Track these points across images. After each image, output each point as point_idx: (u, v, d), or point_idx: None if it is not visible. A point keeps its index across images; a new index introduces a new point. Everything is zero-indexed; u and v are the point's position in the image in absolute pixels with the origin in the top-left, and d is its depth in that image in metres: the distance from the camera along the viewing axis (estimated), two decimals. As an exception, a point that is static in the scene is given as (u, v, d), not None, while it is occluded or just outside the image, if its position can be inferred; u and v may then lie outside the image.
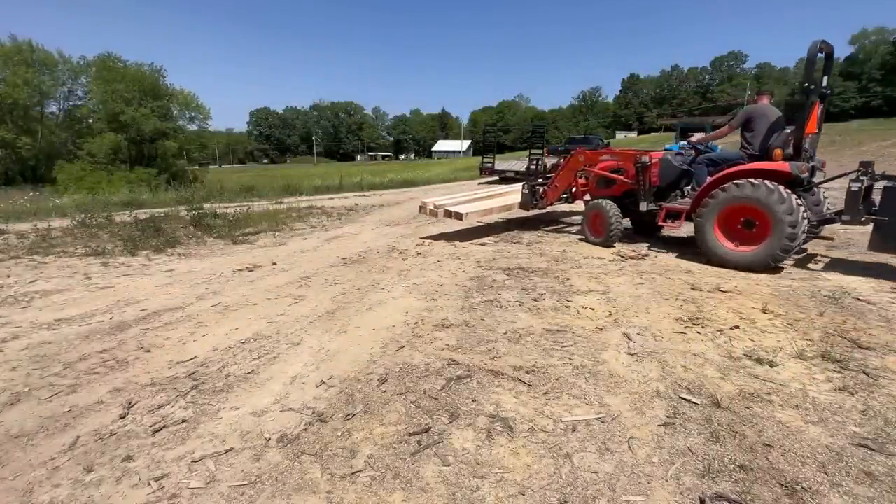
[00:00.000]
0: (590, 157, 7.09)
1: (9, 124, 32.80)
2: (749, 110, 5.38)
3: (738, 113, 5.57)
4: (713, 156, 5.85)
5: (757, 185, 4.79)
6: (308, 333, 3.54)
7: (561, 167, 7.48)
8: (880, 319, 3.53)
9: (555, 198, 7.60)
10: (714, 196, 5.12)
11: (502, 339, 3.32)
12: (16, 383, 2.82)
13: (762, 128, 5.21)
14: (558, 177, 7.42)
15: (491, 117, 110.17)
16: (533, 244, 6.70)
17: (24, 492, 1.90)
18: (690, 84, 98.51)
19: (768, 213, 4.72)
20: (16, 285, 4.94)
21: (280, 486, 1.90)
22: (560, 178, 7.40)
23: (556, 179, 7.44)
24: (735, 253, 5.03)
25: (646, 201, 6.09)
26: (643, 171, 6.05)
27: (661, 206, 5.97)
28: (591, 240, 6.54)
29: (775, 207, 4.65)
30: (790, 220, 4.59)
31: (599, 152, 7.23)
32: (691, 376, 2.72)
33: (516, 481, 1.90)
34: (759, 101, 5.44)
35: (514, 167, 15.74)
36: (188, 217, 8.65)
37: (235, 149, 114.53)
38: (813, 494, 1.78)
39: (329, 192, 15.56)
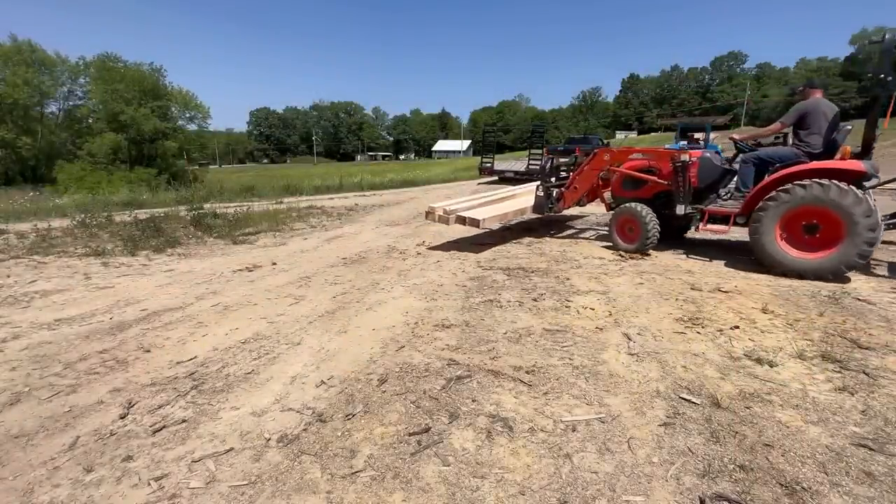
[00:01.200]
0: (617, 155, 6.51)
1: (9, 124, 32.83)
2: (803, 106, 4.98)
3: (790, 109, 5.15)
4: (762, 154, 5.39)
5: (826, 185, 4.40)
6: (308, 333, 3.53)
7: (581, 167, 6.86)
8: (880, 319, 3.53)
9: (573, 201, 7.02)
10: (776, 198, 4.66)
11: (502, 339, 3.32)
12: (16, 383, 2.82)
13: (820, 124, 4.84)
14: (578, 177, 6.82)
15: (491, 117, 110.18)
16: (533, 244, 6.69)
17: (24, 492, 1.90)
18: (690, 84, 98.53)
19: (842, 215, 4.34)
20: (16, 285, 4.94)
21: (280, 486, 1.90)
22: (580, 178, 6.80)
23: (576, 180, 6.84)
24: (803, 260, 4.59)
25: (684, 204, 5.62)
26: (683, 171, 5.55)
27: (702, 209, 5.52)
28: (623, 247, 5.95)
29: (852, 210, 4.28)
30: (869, 223, 4.23)
31: (628, 150, 6.63)
32: (691, 376, 2.72)
33: (516, 481, 1.90)
34: (812, 96, 5.04)
35: (513, 167, 15.74)
36: (188, 217, 8.65)
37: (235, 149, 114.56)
38: (813, 494, 1.78)
39: (329, 192, 15.56)
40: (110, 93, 32.14)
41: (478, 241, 7.05)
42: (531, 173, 14.43)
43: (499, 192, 8.15)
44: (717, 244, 6.64)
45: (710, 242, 6.76)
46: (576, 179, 6.86)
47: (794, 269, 4.62)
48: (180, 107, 37.35)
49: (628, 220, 5.96)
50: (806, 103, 5.03)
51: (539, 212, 6.98)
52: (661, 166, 5.93)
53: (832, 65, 77.82)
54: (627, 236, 5.98)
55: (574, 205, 7.24)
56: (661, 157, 6.02)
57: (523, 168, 14.97)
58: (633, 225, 5.90)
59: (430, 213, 6.54)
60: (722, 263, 5.35)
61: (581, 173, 6.81)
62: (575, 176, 6.92)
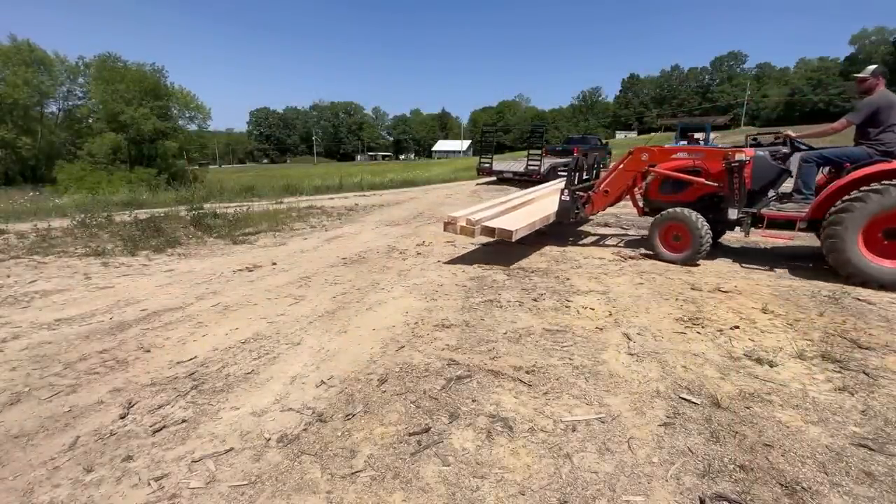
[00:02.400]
0: (657, 154, 5.90)
1: (9, 124, 32.83)
2: (874, 102, 4.60)
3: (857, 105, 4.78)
4: (828, 154, 5.00)
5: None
6: (308, 333, 3.54)
7: (614, 167, 6.29)
8: (880, 319, 3.53)
9: (604, 206, 6.40)
10: (861, 200, 4.28)
11: (502, 339, 3.32)
12: (16, 383, 2.82)
13: (893, 120, 4.49)
14: (611, 180, 6.20)
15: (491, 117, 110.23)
16: (534, 244, 6.69)
17: (24, 492, 1.90)
18: (690, 84, 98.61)
19: None
20: (16, 285, 4.94)
21: (280, 486, 1.90)
22: (613, 180, 6.18)
23: (608, 183, 6.21)
24: (888, 269, 4.23)
25: (738, 208, 5.14)
26: (739, 172, 5.07)
27: (759, 213, 5.06)
28: (667, 256, 5.38)
29: None
30: None
31: (670, 149, 6.04)
32: (691, 376, 2.72)
33: (516, 481, 1.90)
34: (878, 88, 4.66)
35: (512, 168, 15.63)
36: (188, 217, 8.64)
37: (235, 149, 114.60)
38: (813, 494, 1.78)
39: (329, 192, 15.55)
40: (110, 93, 32.15)
41: (478, 240, 7.05)
42: (530, 174, 14.38)
43: (516, 195, 7.32)
44: (717, 245, 6.63)
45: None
46: (607, 181, 6.22)
47: (878, 278, 4.27)
48: (181, 107, 37.38)
49: (675, 226, 5.35)
50: (877, 98, 4.62)
51: (564, 218, 6.22)
52: (710, 166, 5.41)
53: (832, 65, 77.84)
54: (673, 245, 5.40)
55: (601, 210, 6.59)
56: (710, 156, 5.49)
57: (522, 168, 14.89)
58: (681, 232, 5.31)
59: (451, 223, 5.55)
60: (722, 263, 5.35)
61: (613, 175, 6.20)
62: (606, 178, 6.29)
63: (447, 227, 5.63)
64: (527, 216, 6.02)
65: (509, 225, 5.36)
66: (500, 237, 5.26)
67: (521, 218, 5.91)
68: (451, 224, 5.60)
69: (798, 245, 5.95)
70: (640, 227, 7.65)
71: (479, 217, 5.59)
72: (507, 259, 5.78)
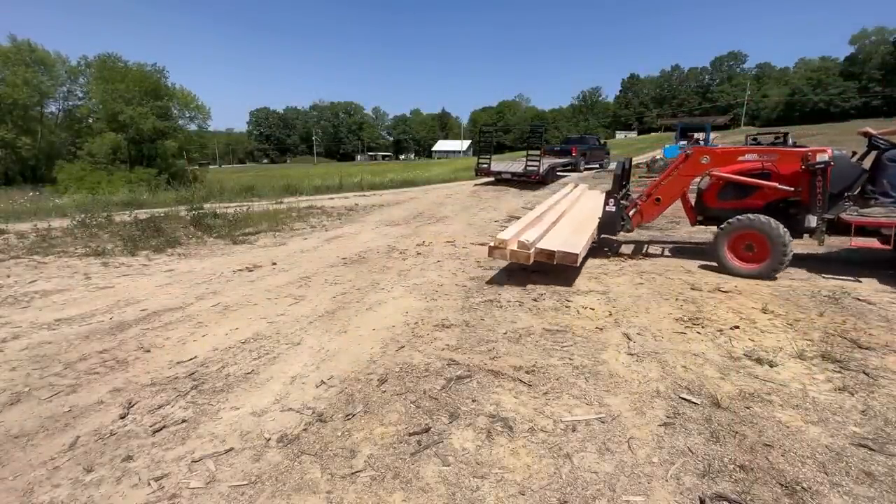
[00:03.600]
0: (720, 156, 5.25)
1: (9, 124, 32.82)
2: None
3: None
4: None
5: None
6: (308, 333, 3.54)
7: (667, 172, 5.60)
8: (880, 319, 3.53)
9: (655, 216, 5.73)
10: None
11: (502, 339, 3.32)
12: (16, 383, 2.82)
13: None
14: (664, 185, 5.52)
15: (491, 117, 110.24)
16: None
17: (24, 492, 1.90)
18: (690, 84, 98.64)
19: None
20: (16, 285, 4.94)
21: (280, 486, 1.90)
22: (667, 187, 5.50)
23: (660, 189, 5.53)
24: None
25: (818, 214, 4.65)
26: (822, 175, 4.58)
27: (838, 220, 4.68)
28: (738, 270, 4.77)
29: None
30: None
31: (735, 150, 5.36)
32: (691, 376, 2.72)
33: (516, 481, 1.90)
34: None
35: (510, 168, 15.46)
36: (188, 217, 8.65)
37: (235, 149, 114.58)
38: (813, 494, 1.78)
39: (329, 192, 15.54)
40: (110, 92, 32.15)
41: (478, 241, 7.05)
42: (528, 174, 14.30)
43: (543, 206, 6.37)
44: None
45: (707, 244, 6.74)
46: (660, 188, 5.54)
47: None
48: (181, 107, 37.37)
49: (749, 236, 4.74)
50: None
51: (610, 231, 5.56)
52: (783, 168, 4.89)
53: (832, 65, 77.87)
54: (746, 256, 4.81)
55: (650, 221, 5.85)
56: (785, 157, 4.95)
57: (521, 169, 14.77)
58: (756, 242, 4.72)
59: (499, 248, 4.61)
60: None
61: (667, 180, 5.51)
62: (658, 183, 5.63)
63: (494, 252, 4.63)
64: (576, 232, 5.28)
65: (570, 246, 4.56)
66: (560, 261, 4.45)
67: (577, 237, 5.08)
68: (499, 248, 4.60)
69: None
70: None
71: (529, 238, 4.63)
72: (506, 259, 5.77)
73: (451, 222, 9.05)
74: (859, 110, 68.68)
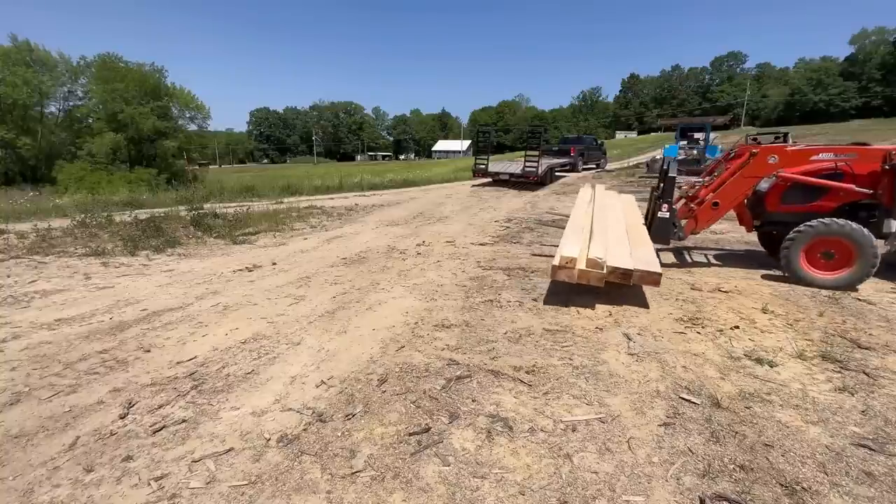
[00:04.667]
0: (789, 156, 4.81)
1: (9, 124, 32.80)
2: None
3: None
4: None
5: None
6: (308, 333, 3.54)
7: (728, 173, 5.15)
8: (880, 319, 3.53)
9: (712, 222, 5.26)
10: None
11: (502, 339, 3.32)
12: (16, 383, 2.82)
13: None
14: (723, 189, 5.05)
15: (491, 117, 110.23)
16: (533, 244, 6.69)
17: (24, 492, 1.90)
18: (690, 84, 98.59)
19: None
20: (16, 285, 4.94)
21: (280, 486, 1.90)
22: (727, 191, 5.04)
23: (719, 193, 5.06)
24: None
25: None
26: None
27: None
28: (812, 279, 4.42)
29: None
30: None
31: (808, 150, 4.90)
32: (691, 376, 2.72)
33: (516, 481, 1.90)
34: None
35: (508, 169, 15.25)
36: (188, 217, 8.64)
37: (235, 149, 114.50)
38: (813, 494, 1.78)
39: (329, 192, 15.54)
40: (110, 92, 32.15)
41: (478, 241, 7.05)
42: (527, 175, 14.22)
43: (586, 211, 5.72)
44: (714, 247, 6.64)
45: (708, 245, 6.75)
46: (718, 191, 5.09)
47: None
48: (181, 106, 37.37)
49: (828, 242, 4.36)
50: None
51: (662, 239, 5.10)
52: (860, 169, 4.55)
53: (832, 65, 77.87)
54: (824, 265, 4.43)
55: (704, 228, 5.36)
56: (864, 157, 4.56)
57: (519, 170, 14.64)
58: (838, 249, 4.36)
59: (565, 268, 3.92)
60: (722, 264, 5.35)
61: (727, 183, 5.06)
62: (716, 186, 5.18)
63: (558, 272, 3.95)
64: (636, 244, 4.63)
65: (646, 263, 4.00)
66: (640, 282, 3.89)
67: (638, 249, 4.47)
68: (565, 268, 3.92)
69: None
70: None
71: (598, 254, 3.97)
72: (507, 259, 5.78)
73: (451, 222, 9.05)
74: (859, 110, 68.68)
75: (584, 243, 4.43)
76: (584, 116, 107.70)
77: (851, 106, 70.84)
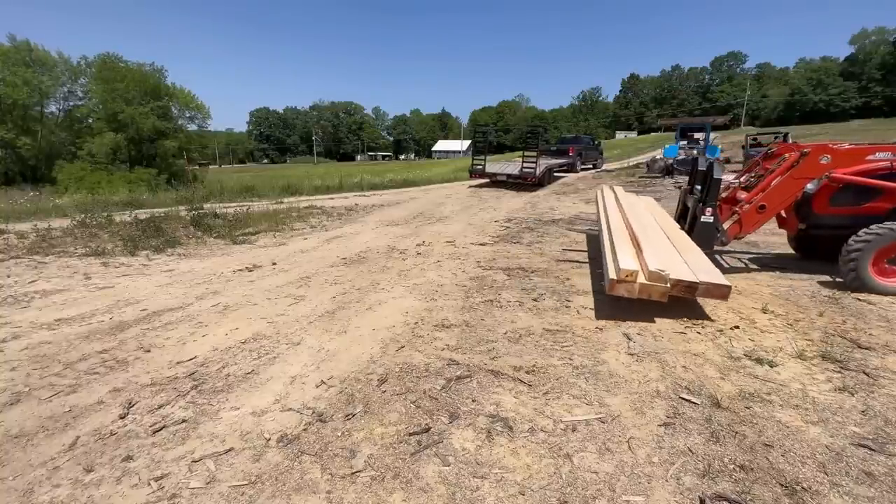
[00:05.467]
0: (844, 156, 4.52)
1: (8, 124, 32.80)
2: None
3: None
4: None
5: None
6: (308, 333, 3.54)
7: (776, 173, 4.84)
8: (880, 319, 3.53)
9: (757, 226, 4.92)
10: None
11: (502, 339, 3.32)
12: (16, 383, 2.82)
13: None
14: (771, 191, 4.74)
15: (491, 117, 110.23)
16: (533, 244, 6.69)
17: (24, 492, 1.90)
18: (690, 84, 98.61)
19: None
20: (16, 285, 4.94)
21: (280, 486, 1.90)
22: (775, 193, 4.72)
23: (767, 195, 4.74)
24: None
25: None
26: None
27: None
28: (882, 288, 4.11)
29: None
30: None
31: (864, 149, 4.62)
32: (691, 376, 2.72)
33: (516, 481, 1.90)
34: None
35: (505, 170, 14.84)
36: (188, 217, 8.65)
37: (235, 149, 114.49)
38: (813, 494, 1.78)
39: (329, 192, 15.54)
40: (110, 92, 32.17)
41: (478, 241, 7.05)
42: (525, 177, 13.93)
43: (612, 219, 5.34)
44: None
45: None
46: (767, 194, 4.75)
47: None
48: (181, 106, 37.39)
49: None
50: None
51: (706, 245, 4.69)
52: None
53: (832, 65, 77.88)
54: (890, 272, 4.15)
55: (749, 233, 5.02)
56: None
57: (517, 171, 14.30)
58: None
59: (625, 281, 3.54)
60: (721, 264, 5.34)
61: (776, 184, 4.74)
62: (763, 188, 4.86)
63: (616, 286, 3.54)
64: (685, 251, 4.28)
65: (709, 274, 3.63)
66: (705, 295, 3.54)
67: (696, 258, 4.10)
68: (625, 282, 3.54)
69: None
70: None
71: (657, 266, 3.62)
72: (507, 259, 5.78)
73: (451, 222, 9.05)
74: (859, 110, 68.70)
75: (633, 253, 4.07)
76: (585, 116, 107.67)
77: (851, 106, 70.87)
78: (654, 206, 6.42)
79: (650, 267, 3.57)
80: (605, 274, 3.83)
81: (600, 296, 4.24)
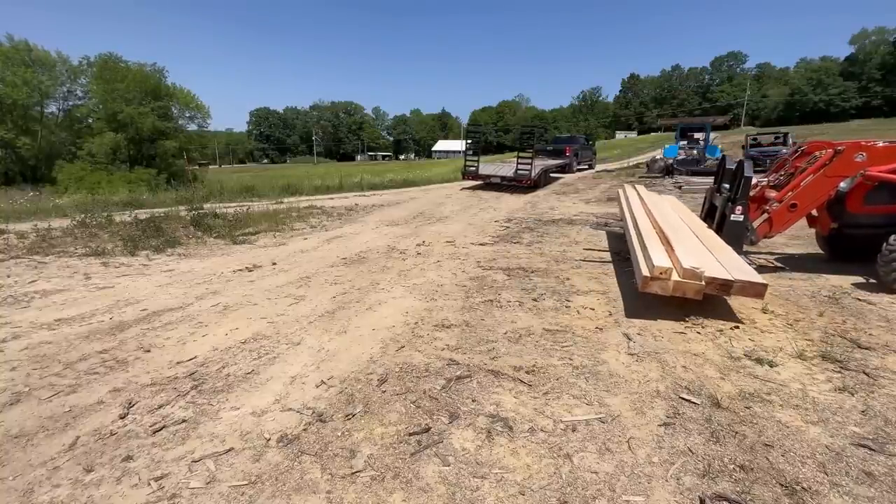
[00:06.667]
0: (881, 153, 4.36)
1: (8, 124, 32.80)
2: None
3: None
4: None
5: None
6: (308, 333, 3.54)
7: (808, 171, 4.70)
8: (880, 319, 3.53)
9: (787, 225, 4.82)
10: None
11: (502, 339, 3.32)
12: (16, 383, 2.82)
13: None
14: (803, 190, 4.63)
15: (491, 117, 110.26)
16: (533, 244, 6.69)
17: (24, 492, 1.90)
18: (690, 84, 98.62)
19: None
20: (16, 285, 4.94)
21: (280, 486, 1.90)
22: (807, 191, 4.61)
23: (798, 194, 4.64)
24: None
25: None
26: None
27: None
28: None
29: None
30: None
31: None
32: (691, 376, 2.72)
33: (516, 481, 1.90)
34: None
35: (500, 172, 14.11)
36: (188, 217, 8.64)
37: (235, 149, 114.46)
38: (813, 494, 1.78)
39: (329, 192, 15.53)
40: (110, 92, 32.16)
41: (478, 241, 7.05)
42: (519, 179, 13.52)
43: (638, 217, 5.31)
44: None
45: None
46: (797, 192, 4.66)
47: None
48: (181, 106, 37.39)
49: None
50: None
51: (736, 245, 4.49)
52: None
53: (832, 65, 77.88)
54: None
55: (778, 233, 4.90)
56: None
57: (511, 173, 13.68)
58: None
59: (658, 279, 3.51)
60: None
61: (808, 182, 4.62)
62: (794, 186, 4.75)
63: (649, 283, 3.53)
64: (717, 250, 4.16)
65: (744, 273, 3.55)
66: (740, 293, 3.43)
67: (729, 257, 3.99)
68: (659, 280, 3.51)
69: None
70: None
71: (692, 263, 3.58)
72: (507, 259, 5.78)
73: (451, 222, 9.05)
74: (859, 110, 68.70)
75: (664, 251, 4.04)
76: (585, 116, 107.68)
77: (851, 106, 70.87)
78: (680, 206, 6.41)
79: (684, 264, 3.54)
80: (636, 271, 3.76)
81: (603, 296, 4.24)
